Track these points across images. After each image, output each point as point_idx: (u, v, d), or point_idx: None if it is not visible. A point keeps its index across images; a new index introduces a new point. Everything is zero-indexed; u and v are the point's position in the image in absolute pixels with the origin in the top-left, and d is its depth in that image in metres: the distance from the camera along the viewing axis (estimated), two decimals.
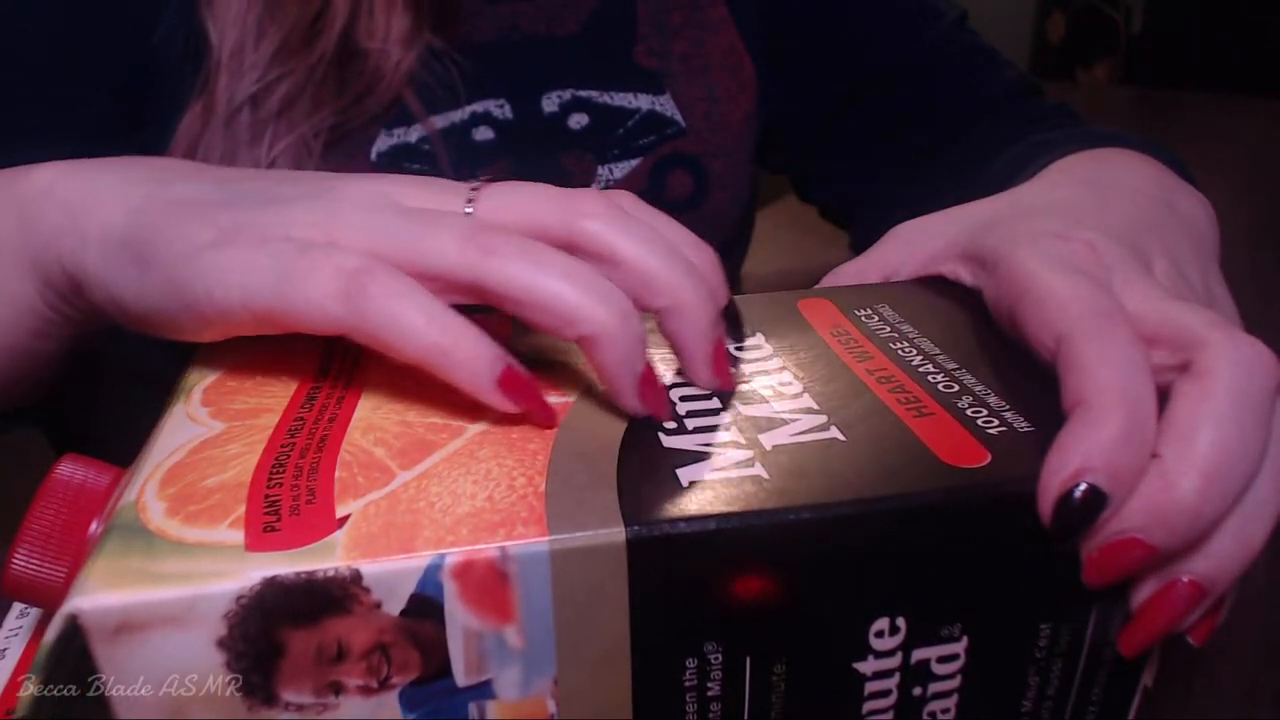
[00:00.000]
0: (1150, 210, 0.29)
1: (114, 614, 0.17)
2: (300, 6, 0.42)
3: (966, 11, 0.54)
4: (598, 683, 0.20)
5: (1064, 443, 0.20)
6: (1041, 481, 0.20)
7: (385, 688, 0.19)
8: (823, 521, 0.19)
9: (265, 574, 0.18)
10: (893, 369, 0.25)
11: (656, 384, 0.23)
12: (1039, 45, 2.02)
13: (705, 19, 0.52)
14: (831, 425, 0.22)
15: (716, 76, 0.52)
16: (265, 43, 0.42)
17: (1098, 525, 0.20)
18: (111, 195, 0.26)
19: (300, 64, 0.42)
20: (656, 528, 0.19)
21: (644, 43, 0.51)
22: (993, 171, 0.37)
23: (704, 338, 0.23)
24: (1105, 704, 0.23)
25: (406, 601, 0.18)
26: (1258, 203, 0.88)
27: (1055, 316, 0.22)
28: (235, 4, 0.42)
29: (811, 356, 0.26)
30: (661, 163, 0.51)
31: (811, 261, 0.32)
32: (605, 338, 0.21)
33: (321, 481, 0.20)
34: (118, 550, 0.18)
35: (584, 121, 0.49)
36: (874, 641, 0.20)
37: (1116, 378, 0.20)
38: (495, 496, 0.19)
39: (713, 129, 0.52)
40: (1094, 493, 0.20)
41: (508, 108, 0.48)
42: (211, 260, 0.22)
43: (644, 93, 0.50)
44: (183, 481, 0.20)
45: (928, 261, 0.30)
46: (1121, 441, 0.20)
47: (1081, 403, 0.20)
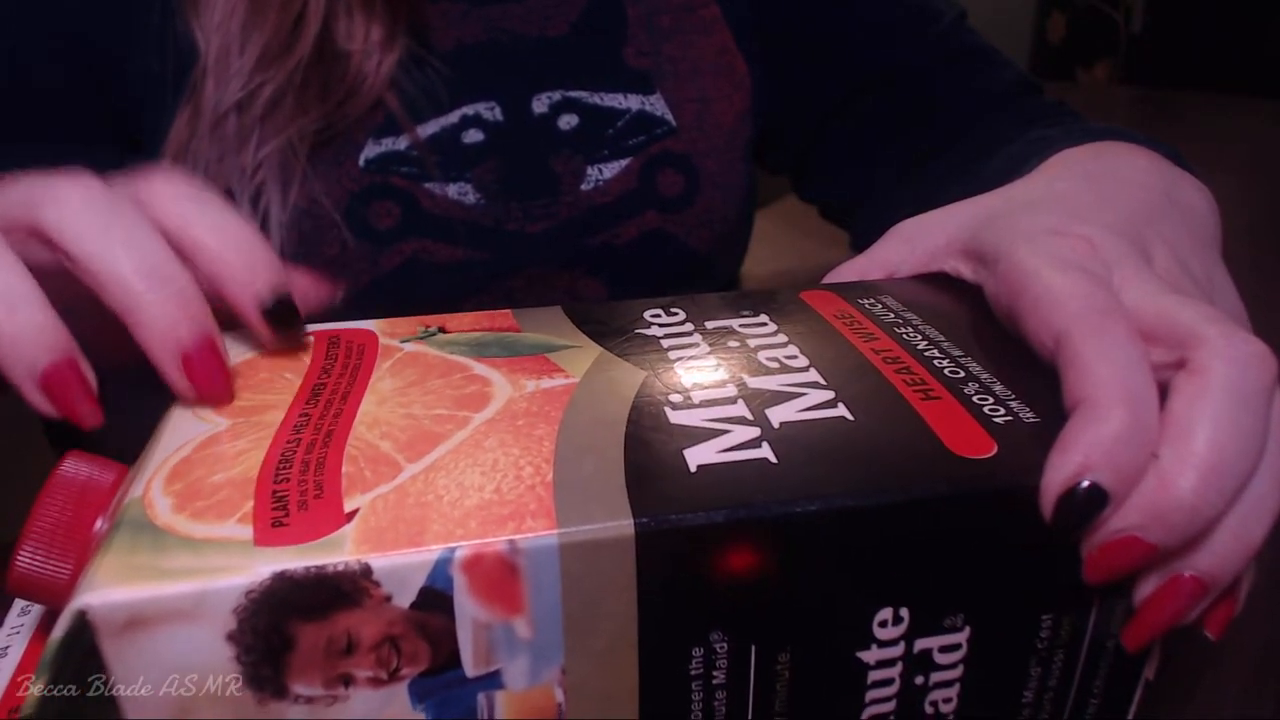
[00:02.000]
0: (1149, 201, 0.29)
1: (123, 609, 0.17)
2: (280, 11, 0.43)
3: (966, 11, 0.54)
4: (604, 672, 0.20)
5: (1066, 440, 0.20)
6: (1044, 479, 0.20)
7: (395, 679, 0.19)
8: (830, 514, 0.19)
9: (275, 569, 0.18)
10: (899, 351, 0.25)
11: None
12: (1039, 45, 2.01)
13: (696, 20, 0.52)
14: (839, 402, 0.22)
15: (708, 77, 0.52)
16: (249, 48, 0.43)
17: (1098, 523, 0.20)
18: None
19: (282, 68, 0.43)
20: (665, 520, 0.19)
21: (634, 43, 0.51)
22: (992, 168, 0.38)
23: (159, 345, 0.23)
24: (1107, 696, 0.23)
25: (416, 594, 0.18)
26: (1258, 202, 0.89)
27: (1053, 314, 0.23)
28: (219, 11, 0.43)
29: (817, 335, 0.26)
30: (651, 162, 0.51)
31: (811, 262, 0.32)
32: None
33: (329, 476, 0.20)
34: (125, 546, 0.18)
35: (574, 122, 0.49)
36: (878, 631, 0.21)
37: (1117, 375, 0.21)
38: (503, 488, 0.20)
39: (704, 128, 0.52)
40: (1096, 490, 0.20)
41: (497, 110, 0.48)
42: None
43: (634, 93, 0.51)
44: (189, 478, 0.20)
45: (928, 258, 0.30)
46: (1123, 439, 0.20)
47: (1083, 400, 0.21)
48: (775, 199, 0.86)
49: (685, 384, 0.23)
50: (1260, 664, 0.32)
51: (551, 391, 0.23)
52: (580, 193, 0.50)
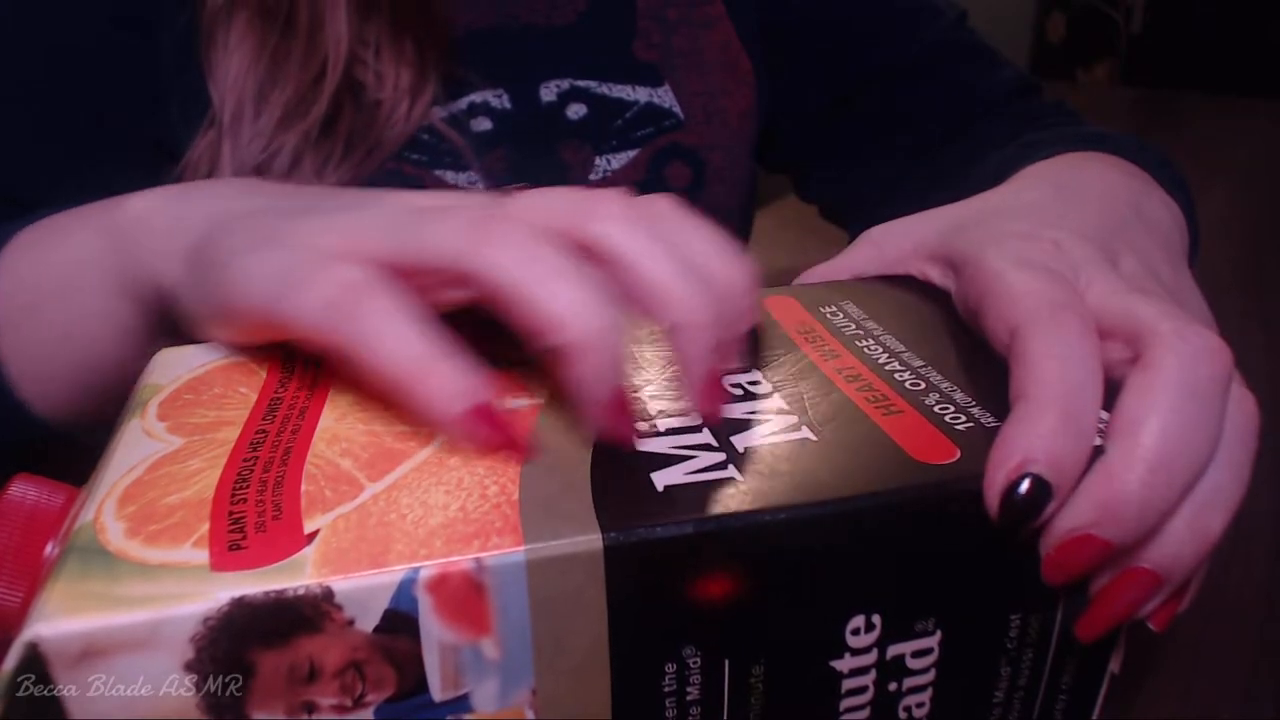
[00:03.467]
0: (1117, 213, 0.29)
1: (76, 640, 0.17)
2: (301, 69, 0.42)
3: (966, 12, 0.55)
4: (576, 690, 0.19)
5: (1005, 437, 0.20)
6: (987, 476, 0.20)
7: (360, 706, 0.18)
8: (798, 521, 0.19)
9: (233, 594, 0.17)
10: (860, 368, 0.25)
11: (626, 409, 0.21)
12: (1039, 45, 2.03)
13: (701, 16, 0.52)
14: (802, 426, 0.22)
15: (714, 72, 0.52)
16: (269, 109, 0.42)
17: (1049, 521, 0.20)
18: (198, 217, 0.27)
19: (303, 127, 0.42)
20: (633, 533, 0.18)
21: (642, 36, 0.51)
22: (979, 173, 0.38)
23: (697, 361, 0.22)
24: (1074, 691, 0.23)
25: (380, 618, 0.18)
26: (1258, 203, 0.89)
27: (1010, 309, 0.23)
28: (234, 68, 0.42)
29: (780, 356, 0.25)
30: (659, 154, 0.50)
31: (811, 261, 0.31)
32: (578, 350, 0.20)
33: (287, 496, 0.19)
34: (77, 573, 0.18)
35: (582, 112, 0.49)
36: (850, 639, 0.21)
37: (1055, 369, 0.21)
38: (468, 506, 0.19)
39: (710, 122, 0.52)
40: (1037, 483, 0.20)
41: (506, 98, 0.48)
42: (239, 264, 0.23)
43: (642, 85, 0.50)
44: (142, 500, 0.20)
45: (896, 263, 0.30)
46: (1058, 431, 0.20)
47: (1022, 396, 0.21)
48: (775, 199, 0.86)
49: (650, 411, 0.23)
50: (1260, 664, 0.32)
51: (517, 411, 0.23)
52: (589, 183, 0.49)
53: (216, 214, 0.27)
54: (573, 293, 0.20)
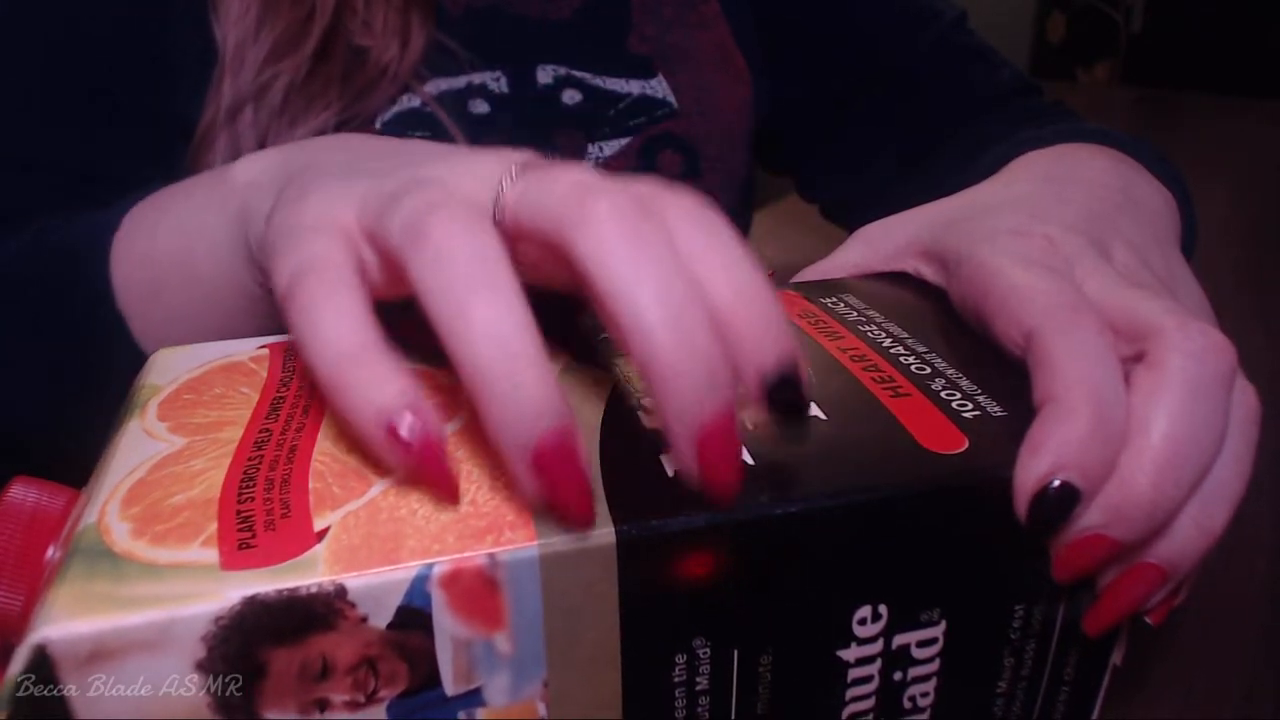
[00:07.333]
0: (1107, 200, 0.30)
1: (85, 641, 0.17)
2: (292, 6, 0.43)
3: (965, 12, 0.55)
4: (588, 683, 0.19)
5: (1036, 440, 0.20)
6: (1017, 479, 0.20)
7: (372, 702, 0.18)
8: (811, 516, 0.19)
9: (244, 593, 0.17)
10: (865, 349, 0.25)
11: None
12: (1039, 45, 2.02)
13: (696, 15, 0.53)
14: (810, 403, 0.22)
15: (709, 68, 0.53)
16: (262, 41, 0.43)
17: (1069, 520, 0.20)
18: (294, 173, 0.27)
19: (294, 60, 0.43)
20: (646, 527, 0.18)
21: (637, 31, 0.51)
22: (978, 168, 0.38)
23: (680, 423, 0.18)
24: (1077, 683, 0.23)
25: (394, 614, 0.18)
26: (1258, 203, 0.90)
27: (1021, 312, 0.23)
28: (235, 6, 0.43)
29: None
30: (651, 142, 0.51)
31: (812, 260, 0.32)
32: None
33: (295, 494, 0.19)
34: (82, 575, 0.17)
35: (577, 98, 0.49)
36: (857, 629, 0.21)
37: (1084, 373, 0.21)
38: (478, 499, 0.19)
39: (704, 113, 0.52)
40: (1067, 489, 0.20)
41: (504, 81, 0.48)
42: (270, 225, 0.24)
43: (635, 78, 0.51)
44: (146, 500, 0.19)
45: (889, 260, 0.30)
46: (1092, 438, 0.20)
47: (1052, 399, 0.21)
48: (775, 198, 0.86)
49: None
50: (1260, 664, 0.32)
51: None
52: None
53: (300, 169, 0.27)
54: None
